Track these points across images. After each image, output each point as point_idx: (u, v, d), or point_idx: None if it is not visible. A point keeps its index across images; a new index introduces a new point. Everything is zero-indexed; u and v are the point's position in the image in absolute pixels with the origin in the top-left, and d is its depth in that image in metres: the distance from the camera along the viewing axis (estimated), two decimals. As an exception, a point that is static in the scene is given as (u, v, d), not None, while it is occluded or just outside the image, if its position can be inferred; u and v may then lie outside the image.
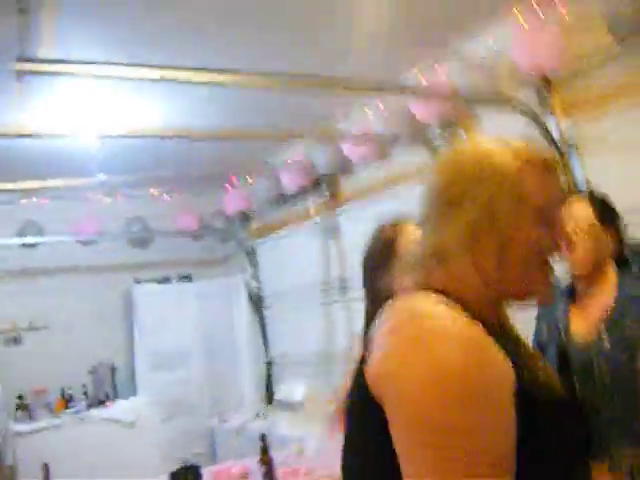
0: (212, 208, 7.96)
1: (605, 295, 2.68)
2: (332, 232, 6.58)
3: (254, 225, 7.90)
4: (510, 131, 3.97)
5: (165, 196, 7.47)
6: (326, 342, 6.25)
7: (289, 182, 6.79)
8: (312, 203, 6.83)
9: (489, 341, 1.27)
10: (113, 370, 7.31)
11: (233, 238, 8.06)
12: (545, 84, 4.54)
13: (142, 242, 7.97)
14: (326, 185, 6.60)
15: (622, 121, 4.13)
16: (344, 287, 6.32)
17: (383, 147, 5.70)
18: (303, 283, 6.82)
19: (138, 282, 7.72)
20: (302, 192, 6.77)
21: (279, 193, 7.08)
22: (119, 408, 6.77)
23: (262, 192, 7.39)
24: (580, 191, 3.96)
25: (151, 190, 7.30)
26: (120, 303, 7.67)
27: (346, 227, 6.53)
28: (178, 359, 7.48)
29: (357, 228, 6.22)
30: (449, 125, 5.25)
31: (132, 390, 7.34)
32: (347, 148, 5.78)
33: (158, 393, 7.14)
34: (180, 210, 7.69)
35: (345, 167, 6.32)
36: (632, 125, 4.07)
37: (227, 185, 7.41)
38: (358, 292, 5.83)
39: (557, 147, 4.48)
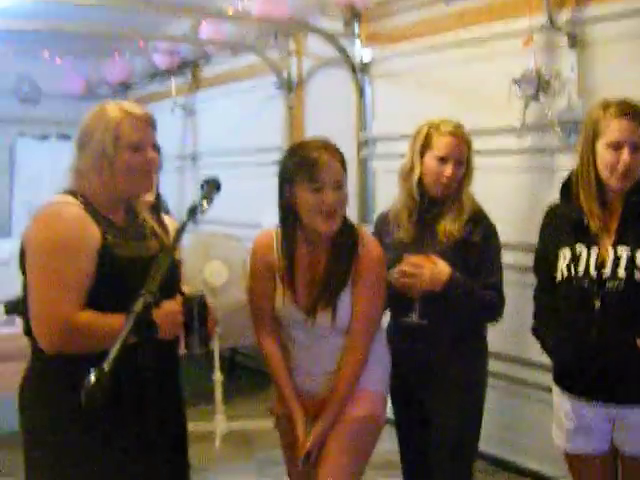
0: (97, 75, 8.58)
1: None
2: (189, 111, 7.58)
3: (132, 95, 8.62)
4: (323, 51, 4.84)
5: (57, 59, 7.96)
6: (178, 204, 7.06)
7: (160, 61, 7.60)
8: (174, 84, 7.72)
9: (82, 216, 2.20)
10: (-7, 211, 8.21)
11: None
12: (353, 14, 5.32)
13: (30, 99, 8.63)
14: (189, 69, 7.46)
15: (414, 55, 4.95)
16: (195, 158, 7.31)
17: (235, 47, 6.51)
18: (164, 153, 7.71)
19: (22, 135, 8.47)
20: (169, 72, 7.62)
21: (153, 70, 7.85)
22: (-6, 245, 7.52)
23: (139, 67, 8.15)
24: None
25: (44, 53, 7.73)
26: (4, 154, 8.49)
27: (201, 108, 7.53)
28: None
29: (210, 110, 7.18)
30: (284, 37, 6.10)
31: (8, 232, 8.21)
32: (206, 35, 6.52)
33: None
34: (68, 73, 8.32)
35: (206, 56, 7.19)
36: (420, 60, 4.90)
37: (115, 54, 8.06)
38: (206, 161, 6.84)
39: (354, 72, 5.35)
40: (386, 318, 3.01)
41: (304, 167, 2.56)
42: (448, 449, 2.95)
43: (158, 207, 3.12)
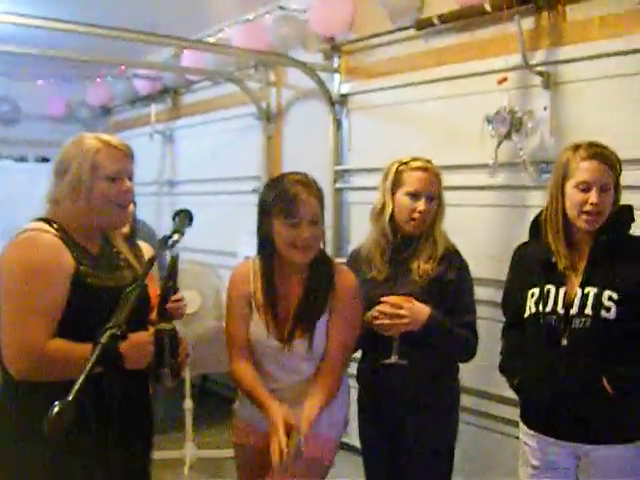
0: (78, 98, 8.64)
1: None
2: (168, 138, 7.63)
3: (112, 119, 8.67)
4: (302, 83, 4.88)
5: (39, 81, 8.04)
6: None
7: (141, 87, 7.65)
8: (154, 110, 7.77)
9: (57, 244, 2.24)
10: (-34, 234, 8.13)
11: (95, 127, 8.77)
12: (333, 48, 5.43)
13: (10, 120, 8.64)
14: (170, 96, 7.51)
15: (391, 90, 5.00)
16: (172, 184, 7.39)
17: (215, 76, 6.58)
18: (140, 180, 7.73)
19: (0, 156, 8.48)
20: (149, 98, 7.68)
21: (133, 96, 7.90)
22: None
23: (120, 91, 8.17)
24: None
25: (25, 73, 7.74)
26: (-19, 176, 8.45)
27: (180, 135, 7.59)
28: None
29: (189, 138, 7.22)
30: (264, 68, 6.17)
31: (-18, 254, 8.15)
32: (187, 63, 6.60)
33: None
34: (49, 96, 8.35)
35: (186, 84, 7.24)
36: (396, 95, 4.95)
37: (97, 78, 8.11)
38: (183, 189, 6.85)
39: (332, 104, 5.42)
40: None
41: (282, 202, 2.63)
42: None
43: (133, 237, 3.13)
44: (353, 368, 3.11)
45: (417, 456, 2.96)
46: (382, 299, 2.83)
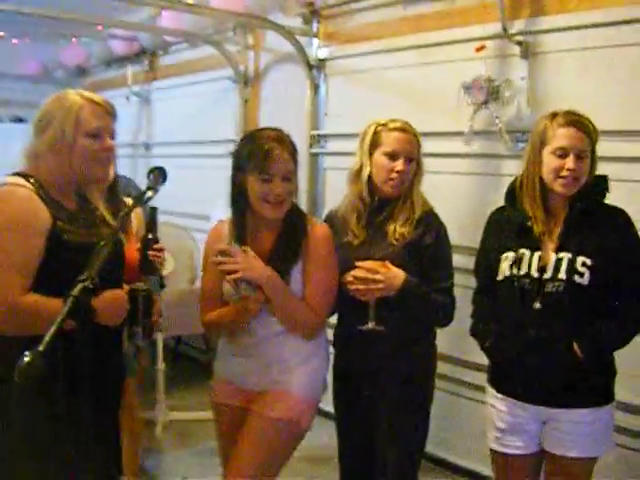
0: (54, 59, 8.55)
1: None
2: (145, 100, 7.59)
3: (88, 80, 8.58)
4: (281, 47, 4.88)
5: (14, 40, 7.92)
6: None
7: (117, 48, 7.58)
8: (131, 71, 7.73)
9: (33, 199, 2.24)
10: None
11: (70, 88, 8.67)
12: (312, 12, 5.42)
13: (-17, 80, 8.56)
14: (147, 58, 7.45)
15: (369, 56, 5.03)
16: (148, 146, 7.34)
17: (193, 38, 6.53)
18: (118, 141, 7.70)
19: (-26, 118, 8.41)
20: (126, 60, 7.60)
21: (110, 57, 7.83)
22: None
23: (96, 52, 8.11)
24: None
25: (0, 33, 7.67)
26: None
27: (156, 97, 7.56)
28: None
29: (166, 100, 7.18)
30: (243, 31, 6.14)
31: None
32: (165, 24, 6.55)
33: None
34: (24, 55, 8.28)
35: (164, 45, 7.19)
36: (374, 61, 4.98)
37: (73, 38, 8.01)
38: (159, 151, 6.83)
39: (310, 69, 5.40)
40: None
41: (256, 157, 2.64)
42: (396, 448, 2.94)
43: (115, 193, 3.14)
44: (330, 335, 3.12)
45: (392, 423, 2.95)
46: (357, 264, 2.81)
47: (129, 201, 2.85)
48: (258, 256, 2.68)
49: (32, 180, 2.32)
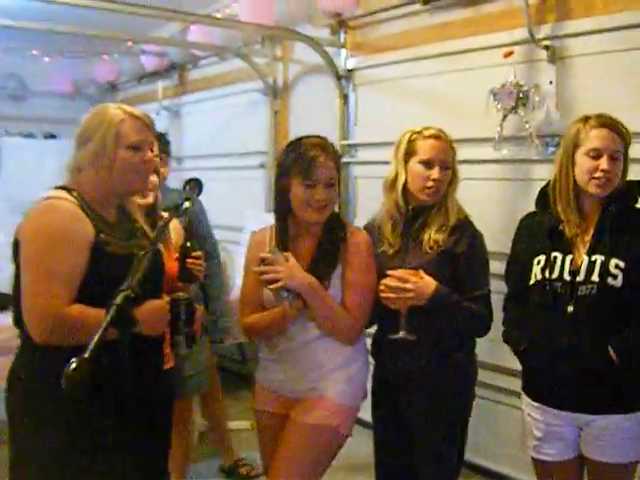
0: (85, 75, 8.70)
1: None
2: (175, 113, 7.68)
3: (119, 96, 8.68)
4: (309, 58, 4.92)
5: (46, 58, 8.04)
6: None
7: (147, 63, 7.68)
8: (161, 86, 7.81)
9: (77, 212, 2.29)
10: (-23, 209, 8.22)
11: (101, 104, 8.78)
12: (339, 23, 5.45)
13: (17, 97, 8.70)
14: (177, 72, 7.54)
15: (397, 65, 5.04)
16: (179, 160, 7.35)
17: (222, 51, 6.60)
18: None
19: (7, 134, 8.52)
20: (156, 75, 7.71)
21: (140, 72, 7.93)
22: (-23, 244, 7.60)
23: (127, 68, 8.23)
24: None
25: (33, 51, 7.84)
26: (-10, 153, 8.50)
27: (186, 111, 7.63)
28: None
29: (196, 114, 7.25)
30: (271, 43, 6.19)
31: (-7, 229, 8.22)
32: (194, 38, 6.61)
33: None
34: (56, 72, 8.40)
35: (193, 60, 7.26)
36: (402, 70, 5.00)
37: (104, 55, 8.12)
38: (190, 164, 6.90)
39: (338, 79, 5.44)
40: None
41: (301, 163, 2.72)
42: (430, 463, 2.93)
43: (155, 208, 3.20)
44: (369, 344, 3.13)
45: (426, 437, 2.94)
46: (388, 272, 2.81)
47: (165, 214, 2.89)
48: (299, 261, 2.73)
49: (75, 194, 2.37)
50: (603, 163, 2.62)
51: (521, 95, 3.97)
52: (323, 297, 2.73)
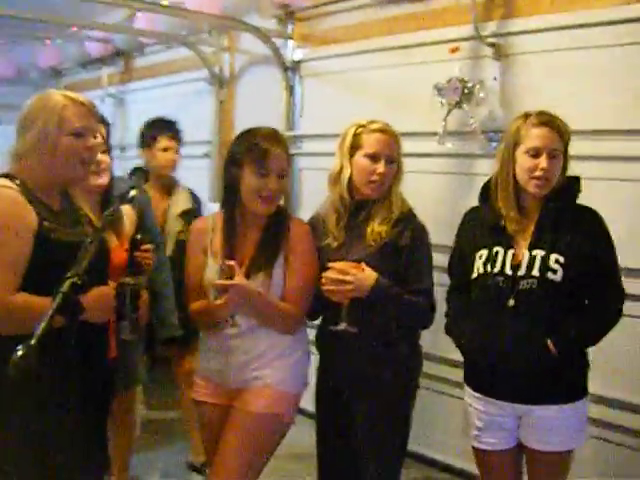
0: (28, 60, 8.54)
1: None
2: (120, 101, 7.62)
3: (63, 82, 8.56)
4: (256, 49, 4.89)
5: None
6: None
7: (92, 49, 7.58)
8: (106, 73, 7.76)
9: (20, 200, 2.27)
10: None
11: (45, 90, 8.64)
12: (287, 14, 5.46)
13: (-42, 81, 8.53)
14: (122, 59, 7.47)
15: (344, 57, 5.07)
16: (123, 148, 7.32)
17: (169, 39, 6.55)
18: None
19: (-52, 120, 8.33)
20: (101, 61, 7.63)
21: (85, 58, 7.83)
22: None
23: (71, 53, 8.11)
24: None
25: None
26: None
27: (132, 99, 7.59)
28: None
29: (141, 102, 7.18)
30: (218, 33, 6.16)
31: None
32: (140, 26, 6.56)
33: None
34: (-1, 57, 8.25)
35: (139, 47, 7.21)
36: (349, 62, 5.03)
37: (47, 40, 7.98)
38: (134, 152, 6.83)
39: (285, 70, 5.44)
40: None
41: (255, 153, 2.74)
42: (374, 453, 2.94)
43: (109, 194, 3.16)
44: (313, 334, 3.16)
45: (371, 428, 2.93)
46: (329, 265, 2.82)
47: (127, 207, 2.87)
48: (243, 250, 2.80)
49: (17, 181, 2.34)
50: (542, 162, 2.66)
51: (466, 91, 4.02)
52: (264, 304, 2.77)
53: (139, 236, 2.70)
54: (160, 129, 4.25)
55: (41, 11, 5.66)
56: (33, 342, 1.77)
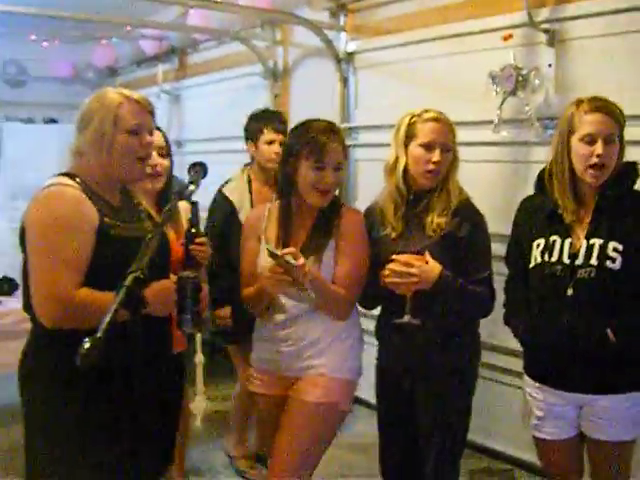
0: (84, 60, 8.70)
1: None
2: (175, 97, 7.71)
3: (119, 80, 8.68)
4: (309, 41, 4.93)
5: (44, 43, 8.04)
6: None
7: (147, 47, 7.67)
8: (161, 70, 7.83)
9: (80, 198, 2.32)
10: (-21, 194, 8.26)
11: (100, 88, 8.77)
12: (339, 6, 5.46)
13: (17, 83, 8.71)
14: (176, 56, 7.55)
15: (397, 48, 5.06)
16: (180, 144, 7.38)
17: (222, 35, 6.61)
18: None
19: (7, 120, 8.53)
20: (155, 58, 7.75)
21: (140, 56, 7.93)
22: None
23: (126, 52, 8.26)
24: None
25: (32, 37, 7.83)
26: (-10, 138, 8.52)
27: (187, 95, 7.66)
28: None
29: (196, 97, 7.25)
30: (271, 27, 6.19)
31: (-7, 214, 8.25)
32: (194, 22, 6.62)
33: (16, 219, 8.01)
34: (55, 57, 8.44)
35: (193, 44, 7.28)
36: (402, 52, 5.01)
37: (103, 40, 8.12)
38: (190, 148, 6.91)
39: (338, 62, 5.45)
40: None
41: (312, 147, 2.78)
42: (435, 445, 2.94)
43: (167, 192, 3.21)
44: (371, 325, 3.18)
45: (433, 417, 2.95)
46: (393, 257, 2.83)
47: (183, 202, 2.92)
48: (297, 236, 2.86)
49: (78, 179, 2.39)
50: (598, 148, 2.63)
51: (520, 78, 3.99)
52: (327, 286, 2.79)
53: (193, 230, 2.73)
54: (265, 122, 4.20)
55: (96, 12, 5.74)
56: (99, 335, 1.82)
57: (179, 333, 2.71)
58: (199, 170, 2.61)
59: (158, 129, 3.47)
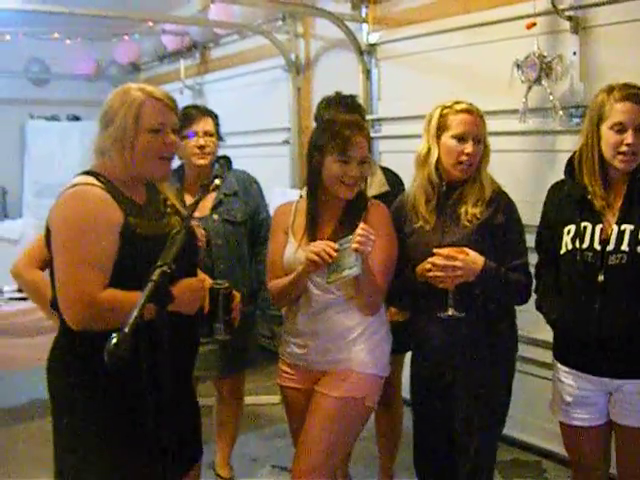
0: (107, 57, 8.77)
1: None
2: (198, 92, 7.70)
3: (142, 76, 8.72)
4: (331, 33, 4.92)
5: (67, 41, 8.05)
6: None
7: (169, 43, 7.70)
8: (183, 65, 7.86)
9: (104, 197, 2.30)
10: (4, 193, 8.32)
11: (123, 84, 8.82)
12: (362, -3, 5.43)
13: (40, 80, 8.77)
14: (198, 51, 7.56)
15: (419, 38, 5.04)
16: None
17: (243, 29, 6.62)
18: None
19: (32, 117, 8.58)
20: (178, 54, 7.77)
21: (162, 52, 7.96)
22: (6, 227, 7.65)
23: (148, 48, 8.29)
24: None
25: (55, 34, 7.83)
26: (15, 135, 8.59)
27: (209, 89, 7.70)
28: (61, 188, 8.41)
29: (219, 92, 7.27)
30: (292, 19, 6.19)
31: (19, 212, 8.32)
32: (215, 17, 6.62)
33: (41, 216, 8.08)
34: (78, 55, 8.48)
35: (214, 38, 7.30)
36: (425, 43, 5.00)
37: (125, 36, 8.15)
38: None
39: (361, 54, 5.44)
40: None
41: (337, 140, 2.79)
42: (475, 436, 2.92)
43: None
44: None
45: (473, 411, 2.93)
46: (435, 251, 2.81)
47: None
48: (325, 228, 2.87)
49: (102, 178, 2.37)
50: (628, 137, 2.61)
51: (545, 66, 3.96)
52: (372, 272, 2.78)
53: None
54: (337, 107, 4.08)
55: (117, 8, 5.76)
56: (127, 330, 1.81)
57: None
58: (224, 164, 2.61)
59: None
